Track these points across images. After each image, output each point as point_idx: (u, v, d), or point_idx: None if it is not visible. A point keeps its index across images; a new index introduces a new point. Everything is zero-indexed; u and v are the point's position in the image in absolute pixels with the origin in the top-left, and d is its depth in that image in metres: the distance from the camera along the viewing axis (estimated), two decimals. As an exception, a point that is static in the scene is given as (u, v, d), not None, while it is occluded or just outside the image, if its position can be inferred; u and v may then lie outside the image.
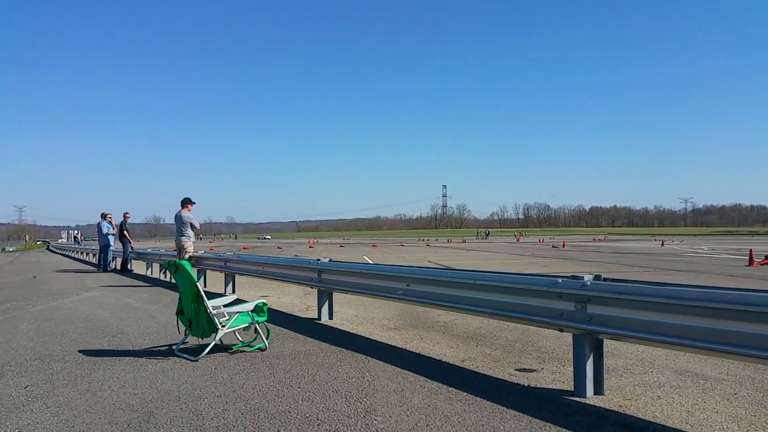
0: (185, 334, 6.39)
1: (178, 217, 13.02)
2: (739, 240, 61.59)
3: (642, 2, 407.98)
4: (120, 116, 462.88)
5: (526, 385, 4.87)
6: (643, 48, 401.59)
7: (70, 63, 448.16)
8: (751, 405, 4.27)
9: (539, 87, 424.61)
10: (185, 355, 6.09)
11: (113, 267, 21.07)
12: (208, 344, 6.14)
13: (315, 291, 8.96)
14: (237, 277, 12.45)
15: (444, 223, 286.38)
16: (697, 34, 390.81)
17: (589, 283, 4.42)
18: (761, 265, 18.94)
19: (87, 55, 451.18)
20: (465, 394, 4.59)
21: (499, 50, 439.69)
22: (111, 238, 20.54)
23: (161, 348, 6.60)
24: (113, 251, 21.23)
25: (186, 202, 13.06)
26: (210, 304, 6.03)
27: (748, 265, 18.89)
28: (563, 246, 42.39)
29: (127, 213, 20.59)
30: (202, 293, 6.02)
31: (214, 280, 13.94)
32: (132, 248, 20.57)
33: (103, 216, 20.66)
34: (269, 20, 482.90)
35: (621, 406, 4.22)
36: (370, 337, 7.12)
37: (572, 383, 4.58)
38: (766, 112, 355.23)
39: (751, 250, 21.89)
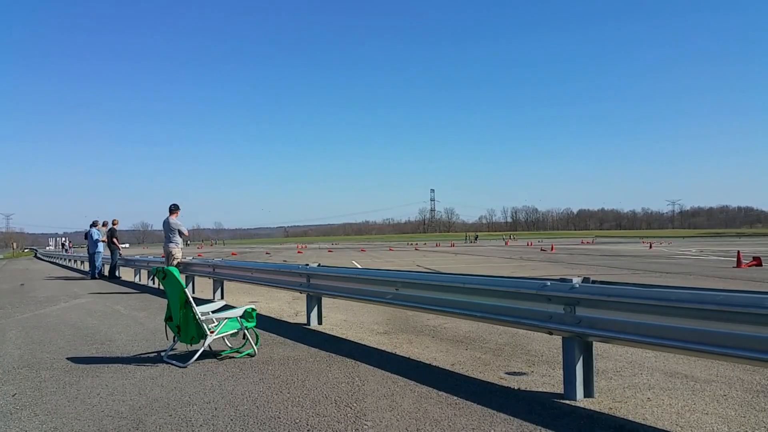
0: (174, 341, 6.36)
1: (166, 224, 12.99)
2: (726, 241, 62.09)
3: (628, 8, 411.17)
4: (106, 121, 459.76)
5: (516, 388, 4.87)
6: (628, 53, 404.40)
7: (57, 65, 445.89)
8: (740, 406, 4.29)
9: (526, 92, 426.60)
10: (174, 362, 6.05)
11: (101, 274, 20.98)
12: (197, 350, 6.11)
13: (304, 296, 8.94)
14: (226, 283, 12.41)
15: (432, 227, 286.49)
16: (682, 38, 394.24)
17: (577, 285, 4.43)
18: (749, 266, 19.09)
19: (72, 57, 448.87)
20: (455, 398, 4.58)
21: (486, 56, 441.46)
22: (101, 245, 20.56)
23: (150, 355, 6.55)
24: (102, 258, 21.21)
25: (173, 209, 13.03)
26: (198, 310, 6.01)
27: (736, 267, 19.04)
28: (552, 249, 42.55)
29: (115, 220, 20.67)
30: (191, 299, 6.00)
31: (203, 287, 13.88)
32: (120, 255, 20.52)
33: (94, 224, 20.78)
34: (258, 24, 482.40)
35: (611, 409, 4.23)
36: (359, 341, 7.11)
37: (562, 386, 4.59)
38: (753, 114, 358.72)
39: (739, 252, 22.04)
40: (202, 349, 6.11)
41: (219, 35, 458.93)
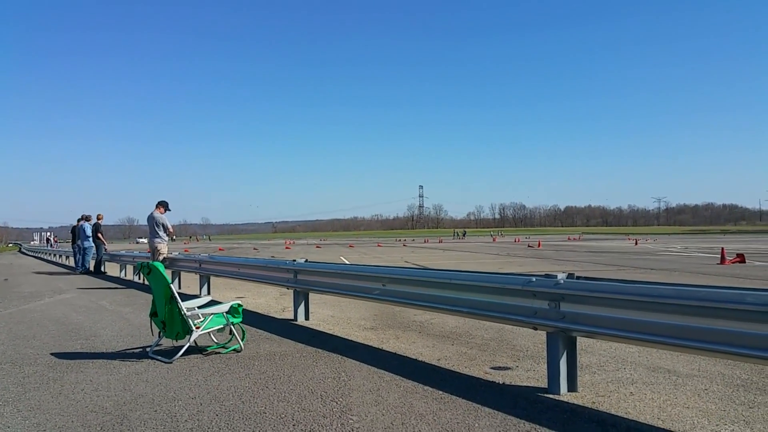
0: (159, 336, 6.33)
1: (151, 219, 12.89)
2: (711, 238, 62.55)
3: (617, 6, 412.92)
4: (93, 116, 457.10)
5: (500, 382, 4.90)
6: (617, 51, 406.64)
7: (42, 62, 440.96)
8: (721, 400, 4.34)
9: (514, 89, 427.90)
10: (159, 357, 6.03)
11: (87, 268, 20.85)
12: (183, 346, 6.09)
13: (291, 292, 8.91)
14: (212, 278, 12.36)
15: (421, 223, 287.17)
16: (670, 37, 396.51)
17: (562, 281, 4.46)
18: (733, 263, 19.25)
19: (56, 54, 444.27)
20: (440, 392, 4.61)
21: (475, 54, 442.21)
22: (91, 240, 20.44)
23: (135, 350, 6.53)
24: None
25: (159, 205, 12.93)
26: (184, 305, 5.98)
27: (720, 263, 19.19)
28: (539, 245, 42.69)
29: (100, 215, 20.51)
30: (176, 295, 5.97)
31: (189, 282, 13.83)
32: (106, 250, 20.38)
33: (86, 218, 20.65)
34: (246, 21, 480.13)
35: (594, 403, 4.27)
36: (346, 337, 7.11)
37: (546, 381, 4.62)
38: (739, 112, 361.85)
39: (723, 249, 22.25)
40: (188, 344, 6.09)
41: (205, 32, 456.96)
